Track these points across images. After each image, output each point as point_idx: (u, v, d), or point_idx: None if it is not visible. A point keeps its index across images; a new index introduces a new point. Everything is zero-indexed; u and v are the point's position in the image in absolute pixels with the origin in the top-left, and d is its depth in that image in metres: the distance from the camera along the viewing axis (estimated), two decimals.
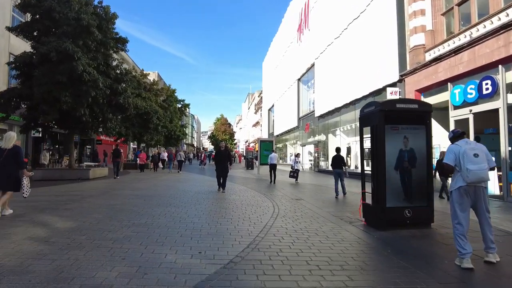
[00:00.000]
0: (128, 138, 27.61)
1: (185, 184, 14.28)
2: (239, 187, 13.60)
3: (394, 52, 15.28)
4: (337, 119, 23.86)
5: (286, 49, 37.52)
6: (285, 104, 38.89)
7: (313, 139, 28.96)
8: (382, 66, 16.42)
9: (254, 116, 72.12)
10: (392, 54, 15.44)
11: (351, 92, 20.09)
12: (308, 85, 31.29)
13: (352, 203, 9.68)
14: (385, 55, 16.20)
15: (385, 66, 16.15)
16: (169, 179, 16.81)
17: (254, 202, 9.42)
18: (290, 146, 40.33)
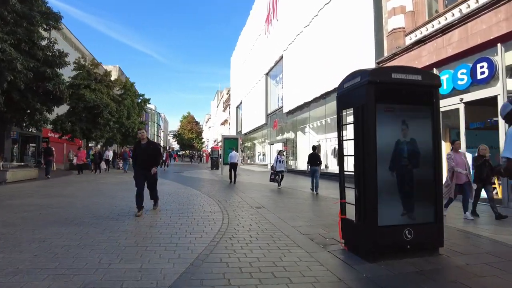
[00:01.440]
0: (75, 135, 24.23)
1: (121, 191, 11.71)
2: (190, 192, 11.30)
3: (370, 38, 13.62)
4: (307, 115, 22.12)
5: (254, 43, 35.50)
6: (253, 101, 36.86)
7: (282, 137, 27.13)
8: (356, 54, 14.74)
9: (222, 114, 69.58)
10: (368, 40, 13.78)
11: (321, 85, 18.35)
12: (277, 80, 29.45)
13: (326, 210, 7.70)
14: (360, 42, 14.53)
15: (359, 54, 14.47)
16: (106, 183, 14.08)
17: (199, 214, 7.18)
18: (259, 144, 38.38)
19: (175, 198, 9.56)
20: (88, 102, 23.82)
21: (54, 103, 15.62)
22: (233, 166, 14.70)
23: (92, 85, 24.91)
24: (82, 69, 25.88)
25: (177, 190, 11.63)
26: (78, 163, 17.51)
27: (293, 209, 7.95)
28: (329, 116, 18.69)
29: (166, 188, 11.92)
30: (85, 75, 25.59)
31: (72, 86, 24.50)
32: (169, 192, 10.93)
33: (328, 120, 18.77)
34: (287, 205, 8.73)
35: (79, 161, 17.25)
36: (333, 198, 10.10)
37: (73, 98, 24.23)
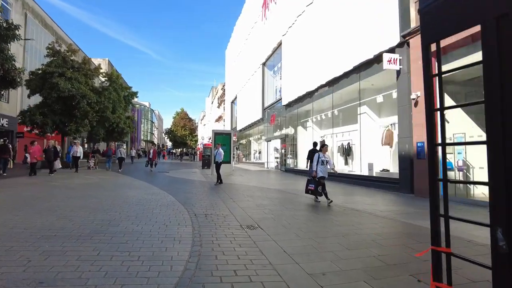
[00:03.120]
0: (46, 129, 21.37)
1: (68, 199, 8.97)
2: (164, 199, 8.62)
3: (393, 6, 10.94)
4: (309, 107, 19.44)
5: (250, 31, 32.74)
6: (248, 95, 34.12)
7: (280, 133, 24.44)
8: (374, 29, 12.09)
9: (217, 111, 66.73)
10: (389, 9, 11.11)
11: (328, 70, 15.68)
12: (274, 70, 26.73)
13: (355, 232, 5.03)
14: (378, 14, 11.87)
15: (378, 28, 11.81)
16: (56, 187, 11.33)
17: (154, 243, 4.52)
18: (254, 142, 35.67)
19: (136, 210, 6.84)
20: (62, 91, 20.98)
21: (3, 87, 12.78)
22: (219, 164, 12.82)
23: (67, 73, 22.03)
24: (57, 55, 23.01)
25: (148, 196, 8.92)
26: (31, 162, 14.26)
27: (304, 231, 5.28)
28: (337, 107, 16.03)
29: (135, 194, 9.22)
30: (60, 62, 22.73)
31: (45, 74, 21.71)
32: (136, 200, 8.23)
33: (335, 111, 16.11)
34: (293, 221, 6.05)
35: (32, 159, 13.98)
36: (350, 208, 7.50)
37: (46, 87, 21.44)
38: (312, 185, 8.56)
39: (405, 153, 10.41)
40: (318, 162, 8.57)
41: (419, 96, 9.60)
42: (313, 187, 8.52)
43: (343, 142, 16.91)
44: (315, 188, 8.47)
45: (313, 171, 8.64)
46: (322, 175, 8.54)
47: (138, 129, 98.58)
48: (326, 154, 8.86)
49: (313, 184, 8.56)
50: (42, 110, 21.35)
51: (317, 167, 8.55)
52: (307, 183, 8.77)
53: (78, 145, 17.98)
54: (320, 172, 8.51)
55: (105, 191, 9.59)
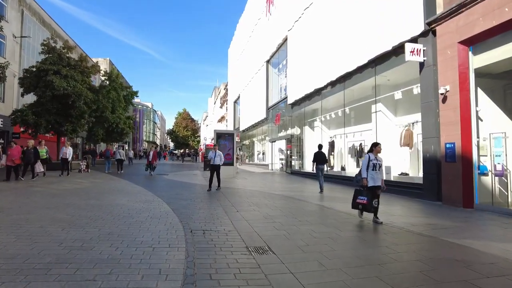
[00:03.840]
0: (39, 129, 20.33)
1: (43, 209, 7.87)
2: (157, 208, 7.51)
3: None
4: (317, 106, 18.27)
5: (254, 28, 31.61)
6: (252, 94, 32.98)
7: (285, 133, 23.28)
8: (391, 18, 10.93)
9: (219, 111, 65.65)
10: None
11: (338, 65, 14.52)
12: (279, 68, 25.58)
13: (396, 255, 3.83)
14: (397, 0, 10.70)
15: (397, 17, 10.65)
16: (36, 193, 10.22)
17: (134, 277, 3.37)
18: (258, 142, 34.51)
19: (121, 224, 5.71)
20: (57, 90, 19.97)
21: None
22: (215, 168, 11.27)
23: (63, 70, 21.00)
24: (52, 52, 21.99)
25: (139, 205, 7.80)
26: (7, 164, 12.46)
27: (329, 257, 4.12)
28: (349, 105, 14.85)
29: (125, 202, 8.09)
30: (56, 59, 21.71)
31: (39, 71, 20.71)
32: (125, 210, 7.10)
33: (346, 110, 14.93)
34: (312, 241, 4.90)
35: (9, 161, 12.39)
36: (369, 220, 6.28)
37: (40, 85, 20.43)
38: (363, 198, 6.44)
39: (431, 155, 9.22)
40: (369, 165, 6.50)
41: (448, 90, 8.41)
42: (365, 201, 6.38)
43: (354, 143, 15.73)
44: (369, 202, 6.30)
45: (362, 178, 6.54)
46: (374, 184, 6.44)
47: (140, 129, 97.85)
48: (379, 156, 6.69)
49: (364, 196, 6.42)
50: (35, 110, 20.35)
51: (367, 172, 6.50)
52: (355, 194, 6.68)
53: (68, 146, 16.44)
54: (371, 180, 6.44)
55: (91, 199, 8.47)
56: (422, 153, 9.71)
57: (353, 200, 6.73)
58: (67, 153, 15.91)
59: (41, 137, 23.64)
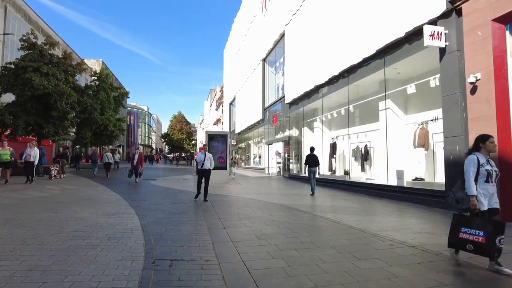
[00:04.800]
0: (17, 130, 18.74)
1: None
2: (125, 225, 6.02)
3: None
4: (317, 105, 16.85)
5: (249, 26, 30.25)
6: (247, 95, 31.54)
7: (282, 135, 21.85)
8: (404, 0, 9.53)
9: (215, 114, 64.18)
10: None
11: (341, 58, 13.12)
12: (276, 66, 24.18)
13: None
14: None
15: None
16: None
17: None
18: (254, 145, 33.03)
19: (61, 250, 4.19)
20: (37, 89, 18.42)
21: None
22: (204, 174, 9.36)
23: (43, 68, 19.43)
24: (32, 48, 20.43)
25: (102, 220, 6.28)
26: None
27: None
28: (353, 102, 13.42)
29: (87, 216, 6.56)
30: (36, 56, 20.15)
31: (18, 69, 19.17)
32: (80, 227, 5.59)
33: (350, 108, 13.50)
34: (322, 280, 3.41)
35: None
36: (399, 241, 4.82)
37: (18, 84, 18.87)
38: (475, 232, 3.77)
39: (455, 158, 7.77)
40: (479, 174, 3.91)
41: (479, 79, 6.99)
42: (480, 237, 3.70)
43: (358, 144, 14.31)
44: (490, 240, 3.63)
45: (470, 196, 3.87)
46: (491, 206, 3.91)
47: (135, 133, 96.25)
48: (490, 160, 4.03)
49: (476, 229, 3.76)
50: (13, 110, 18.76)
51: (478, 186, 3.90)
52: (456, 224, 4.03)
53: (33, 147, 13.84)
54: (483, 198, 3.89)
55: (47, 211, 6.91)
56: (444, 155, 8.25)
57: (451, 234, 4.06)
58: (31, 155, 13.30)
59: (23, 140, 22.19)
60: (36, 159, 13.58)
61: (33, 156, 13.43)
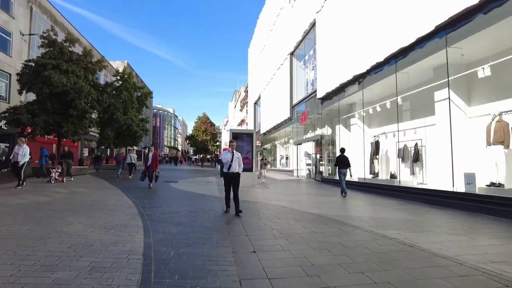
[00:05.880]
0: (36, 129, 18.11)
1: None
2: (125, 245, 4.46)
3: None
4: (355, 98, 14.92)
5: (275, 20, 28.61)
6: (273, 93, 29.87)
7: (313, 134, 20.01)
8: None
9: (239, 114, 63.02)
10: None
11: (388, 41, 11.21)
12: (305, 60, 22.36)
13: None
14: None
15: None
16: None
17: None
18: (280, 146, 31.27)
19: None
20: (56, 86, 17.68)
21: None
22: (233, 178, 7.15)
23: (62, 65, 18.71)
24: (53, 45, 19.82)
25: (96, 235, 4.82)
26: None
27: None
28: (403, 93, 11.42)
29: (79, 229, 5.12)
30: (56, 53, 19.51)
31: (38, 66, 18.57)
32: (64, 245, 4.15)
33: (398, 100, 11.50)
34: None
35: None
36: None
37: (37, 81, 18.24)
38: None
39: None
40: None
41: None
42: None
43: (406, 143, 12.27)
44: None
45: None
46: None
47: (161, 134, 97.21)
48: None
49: None
50: (31, 108, 18.13)
51: None
52: None
53: (22, 144, 11.21)
54: None
55: (28, 223, 5.47)
56: None
57: None
58: (18, 153, 10.93)
59: (40, 139, 21.71)
60: (24, 158, 11.09)
61: (21, 155, 11.02)
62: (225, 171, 7.20)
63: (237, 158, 7.21)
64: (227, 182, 7.20)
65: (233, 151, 7.21)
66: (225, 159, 7.18)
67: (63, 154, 14.94)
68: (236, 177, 7.16)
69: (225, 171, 7.20)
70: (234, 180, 7.14)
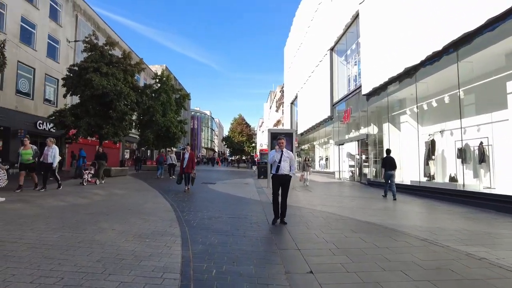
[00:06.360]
0: (79, 131, 18.66)
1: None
2: (160, 249, 3.92)
3: None
4: (407, 93, 13.60)
5: (313, 16, 27.56)
6: (312, 91, 28.80)
7: (357, 133, 18.79)
8: None
9: (275, 115, 62.28)
10: None
11: (447, 27, 9.92)
12: (347, 55, 21.13)
13: None
14: None
15: None
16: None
17: None
18: (319, 147, 30.09)
19: None
20: (96, 89, 18.08)
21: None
22: (281, 183, 6.12)
23: (103, 68, 19.14)
24: (94, 49, 20.37)
25: (129, 245, 4.33)
26: None
27: None
28: (465, 85, 10.08)
29: (112, 237, 4.67)
30: (97, 56, 20.01)
31: (81, 70, 19.16)
32: (96, 255, 3.66)
33: (460, 93, 10.16)
34: None
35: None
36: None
37: (80, 85, 18.79)
38: None
39: None
40: None
41: None
42: None
43: (468, 142, 10.84)
44: None
45: None
46: None
47: (198, 136, 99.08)
48: None
49: None
50: (74, 111, 18.69)
51: None
52: None
53: (51, 144, 10.68)
54: None
55: (60, 230, 5.09)
56: None
57: None
58: (48, 154, 10.41)
59: (84, 141, 22.41)
60: (55, 159, 10.65)
61: (50, 155, 10.48)
62: (273, 173, 6.25)
63: (287, 158, 6.19)
64: (275, 186, 6.21)
65: (282, 150, 6.21)
66: (272, 159, 6.24)
67: (96, 155, 14.60)
68: (286, 180, 6.13)
69: (273, 172, 6.24)
70: (283, 184, 6.11)
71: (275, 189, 6.17)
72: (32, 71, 22.40)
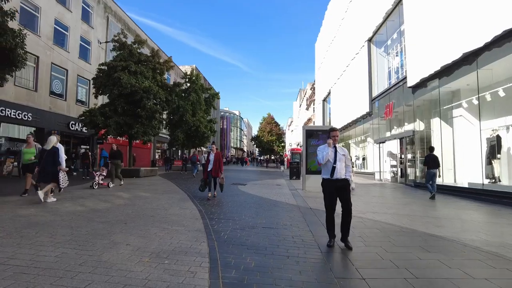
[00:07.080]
0: (109, 131, 18.44)
1: None
2: (182, 276, 2.94)
3: None
4: (462, 83, 11.89)
5: (347, 6, 25.90)
6: (347, 86, 27.13)
7: (401, 130, 17.11)
8: None
9: (305, 114, 60.56)
10: None
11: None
12: (387, 45, 19.41)
13: None
14: None
15: None
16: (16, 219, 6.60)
17: None
18: (355, 145, 28.35)
19: None
20: (125, 87, 17.79)
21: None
22: (338, 190, 4.56)
23: (131, 66, 18.83)
24: (122, 48, 20.15)
25: (141, 276, 3.39)
26: None
27: None
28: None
29: (125, 255, 3.75)
30: (126, 55, 19.78)
31: (109, 69, 19.00)
32: (102, 283, 2.72)
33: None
34: None
35: None
36: None
37: (109, 84, 18.59)
38: None
39: None
40: None
41: None
42: None
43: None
44: None
45: None
46: None
47: (228, 136, 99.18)
48: None
49: None
50: (103, 110, 18.48)
51: None
52: None
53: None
54: None
55: (65, 245, 4.33)
56: None
57: None
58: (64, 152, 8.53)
59: (114, 141, 22.28)
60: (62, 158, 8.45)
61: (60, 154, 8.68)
62: (325, 177, 4.71)
63: (343, 156, 4.72)
64: (329, 196, 4.64)
65: (335, 146, 4.77)
66: (324, 157, 4.68)
67: (110, 154, 13.03)
68: (343, 187, 4.59)
69: (325, 177, 4.71)
70: (341, 192, 4.58)
71: (329, 200, 4.64)
72: (65, 72, 22.62)
